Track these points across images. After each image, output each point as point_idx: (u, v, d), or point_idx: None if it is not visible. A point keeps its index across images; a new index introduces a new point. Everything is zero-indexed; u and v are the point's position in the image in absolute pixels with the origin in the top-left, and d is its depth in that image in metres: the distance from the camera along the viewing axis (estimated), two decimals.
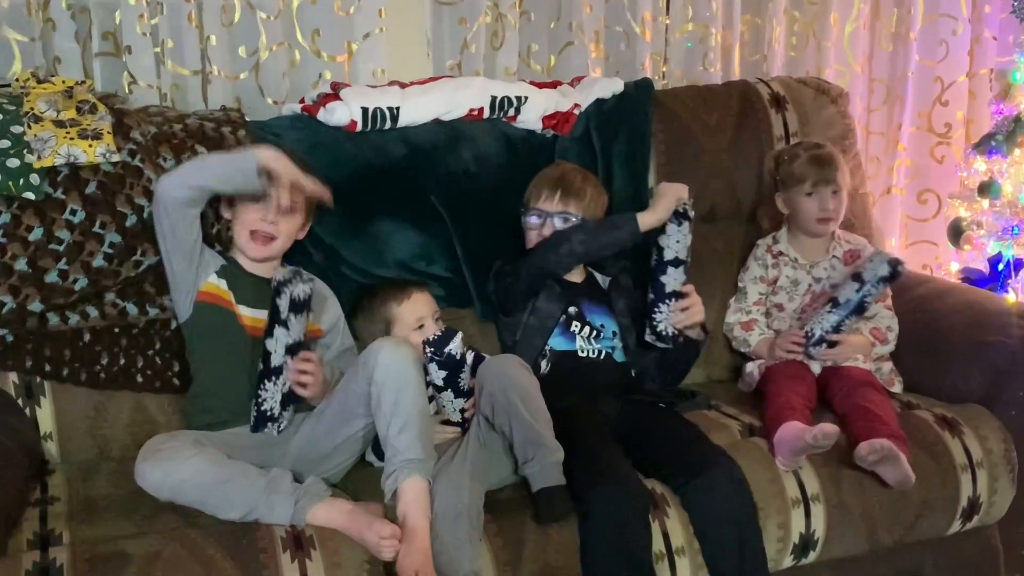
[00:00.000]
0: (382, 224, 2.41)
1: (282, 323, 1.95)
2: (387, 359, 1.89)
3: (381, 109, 2.41)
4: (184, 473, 1.82)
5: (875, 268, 2.31)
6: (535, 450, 1.93)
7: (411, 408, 1.87)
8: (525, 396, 1.96)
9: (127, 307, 2.16)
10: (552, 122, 2.58)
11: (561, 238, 2.26)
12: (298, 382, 1.99)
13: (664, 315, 2.25)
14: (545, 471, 1.92)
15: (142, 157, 2.16)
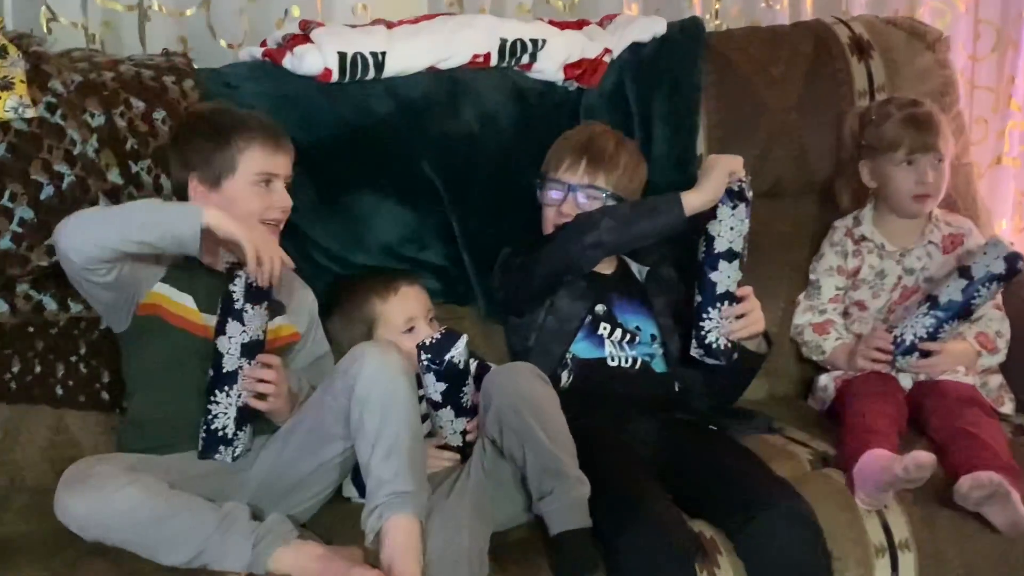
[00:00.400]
0: (363, 199, 2.42)
1: (236, 315, 1.95)
2: (372, 369, 1.88)
3: (363, 55, 2.40)
4: (116, 506, 1.81)
5: (988, 263, 2.30)
6: (554, 483, 1.92)
7: (400, 429, 1.87)
8: (541, 414, 1.95)
9: (43, 301, 2.16)
10: (577, 72, 2.58)
11: (586, 224, 2.25)
12: (256, 392, 1.99)
13: (715, 323, 2.24)
14: (566, 510, 1.92)
15: (64, 113, 2.16)
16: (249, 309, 1.95)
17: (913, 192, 2.45)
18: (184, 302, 2.05)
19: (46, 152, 2.13)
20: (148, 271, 2.04)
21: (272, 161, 2.08)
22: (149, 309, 2.04)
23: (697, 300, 2.26)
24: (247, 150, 2.06)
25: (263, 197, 2.06)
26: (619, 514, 1.94)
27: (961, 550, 2.13)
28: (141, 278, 2.03)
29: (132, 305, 2.04)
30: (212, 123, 2.13)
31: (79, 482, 1.85)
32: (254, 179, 2.06)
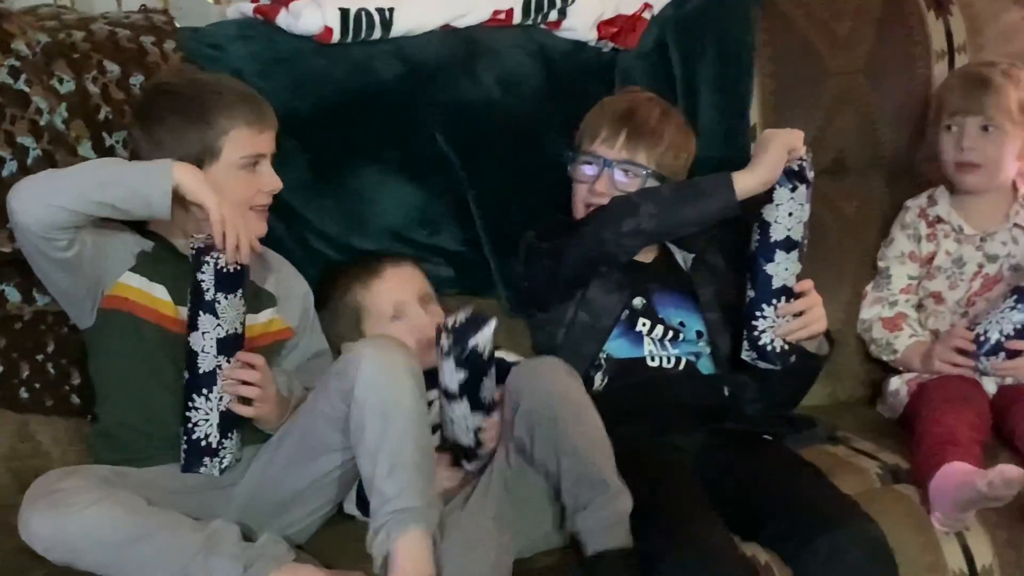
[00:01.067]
0: (366, 175, 2.43)
1: (208, 307, 1.94)
2: (371, 370, 1.87)
3: (367, 11, 2.40)
4: (87, 525, 1.81)
5: None
6: (592, 494, 1.92)
7: (405, 438, 1.85)
8: (579, 416, 1.95)
9: (6, 291, 2.17)
10: (612, 30, 2.58)
11: (624, 209, 2.23)
12: (239, 396, 1.99)
13: (770, 322, 2.24)
14: (606, 526, 1.91)
15: (29, 78, 2.17)
16: (222, 299, 1.93)
17: (954, 159, 2.47)
18: (155, 293, 2.04)
19: (8, 123, 2.14)
20: (115, 257, 2.04)
21: (259, 140, 2.07)
22: (116, 302, 2.04)
23: (750, 296, 2.26)
24: (232, 130, 2.05)
25: (250, 182, 2.06)
26: (663, 537, 1.93)
27: None
28: (107, 265, 2.02)
29: (97, 297, 2.04)
30: (186, 97, 2.10)
31: (45, 497, 1.85)
32: (240, 163, 2.06)
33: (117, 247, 2.03)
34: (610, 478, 1.93)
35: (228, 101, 2.08)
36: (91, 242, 1.97)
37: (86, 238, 1.96)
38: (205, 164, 2.03)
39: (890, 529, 2.03)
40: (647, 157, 2.31)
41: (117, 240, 2.04)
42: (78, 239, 1.93)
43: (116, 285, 2.03)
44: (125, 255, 2.04)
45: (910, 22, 2.70)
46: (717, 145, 2.54)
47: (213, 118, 2.05)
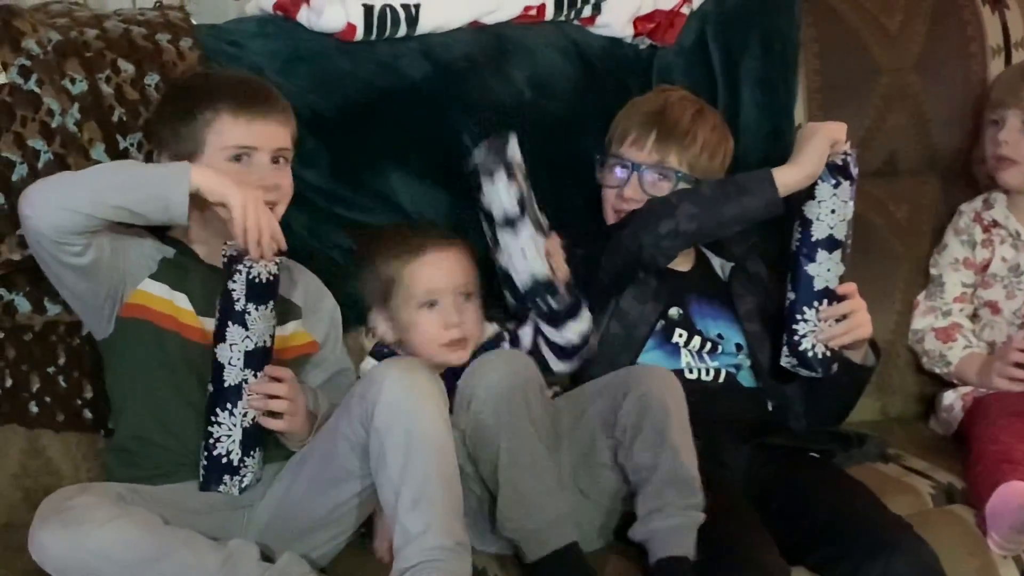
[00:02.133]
0: (391, 177, 2.43)
1: (238, 318, 1.95)
2: (393, 394, 1.86)
3: (392, 7, 2.41)
4: (101, 544, 1.82)
5: None
6: (677, 497, 1.95)
7: (429, 469, 1.84)
8: (684, 419, 2.00)
9: (16, 301, 2.18)
10: (649, 26, 2.58)
11: (661, 210, 2.23)
12: (267, 411, 2.00)
13: (811, 326, 2.23)
14: (679, 532, 1.94)
15: (40, 78, 2.18)
16: (252, 310, 1.94)
17: (992, 152, 2.48)
18: (177, 302, 2.05)
19: (19, 124, 2.15)
20: (135, 263, 2.04)
21: (245, 131, 2.05)
22: (135, 311, 2.04)
23: (790, 298, 2.26)
24: (214, 121, 2.04)
25: (239, 176, 2.02)
26: (718, 557, 1.94)
27: None
28: (126, 271, 2.03)
29: (115, 305, 2.04)
30: (180, 92, 2.14)
31: (58, 515, 1.86)
32: (225, 155, 2.05)
33: (137, 253, 2.04)
34: (695, 483, 1.97)
35: (215, 92, 2.09)
36: (109, 247, 1.98)
37: (104, 243, 1.96)
38: (193, 158, 2.02)
39: (944, 552, 2.03)
40: (678, 160, 2.31)
41: (137, 246, 2.04)
42: (94, 244, 1.94)
43: (136, 292, 2.04)
44: (146, 261, 2.05)
45: (964, 16, 2.70)
46: (760, 145, 2.54)
47: (198, 108, 2.06)
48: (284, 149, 2.10)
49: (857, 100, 2.63)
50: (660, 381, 2.03)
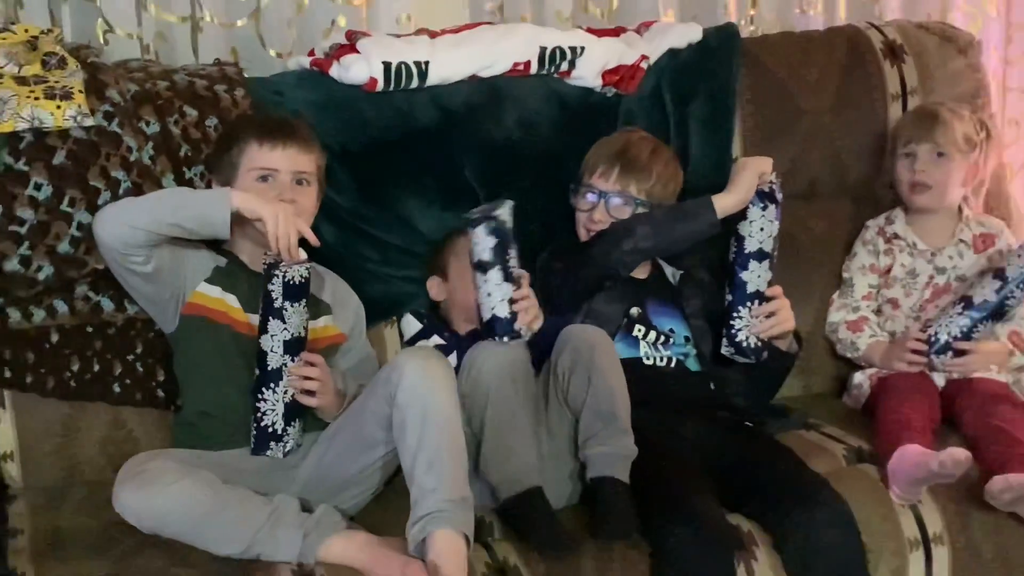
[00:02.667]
0: (407, 203, 2.42)
1: (277, 314, 1.95)
2: (412, 378, 1.87)
3: (407, 64, 2.40)
4: (170, 500, 1.82)
5: (1022, 264, 2.28)
6: (604, 427, 1.98)
7: (441, 439, 1.85)
8: (611, 366, 2.03)
9: (102, 302, 2.17)
10: (615, 78, 2.56)
11: (623, 232, 2.25)
12: (303, 389, 2.00)
13: (745, 321, 2.24)
14: (609, 458, 1.96)
15: (120, 121, 2.18)
16: (288, 307, 1.95)
17: (908, 180, 2.45)
18: (229, 301, 2.06)
19: (104, 159, 2.15)
20: (193, 270, 2.05)
21: (268, 156, 2.07)
22: (194, 309, 2.06)
23: (728, 299, 2.26)
24: (246, 149, 2.07)
25: (263, 192, 2.04)
26: (665, 510, 1.94)
27: (996, 544, 2.11)
28: (185, 276, 2.04)
29: (178, 305, 2.06)
30: (226, 129, 2.19)
31: (135, 477, 1.86)
32: (252, 176, 2.06)
33: (194, 262, 2.05)
34: (622, 418, 1.99)
35: (247, 126, 2.13)
36: (169, 258, 1.99)
37: (164, 255, 1.98)
38: (232, 179, 2.07)
39: (855, 502, 2.04)
40: (637, 189, 2.31)
41: (194, 257, 2.05)
42: (155, 256, 1.95)
43: (195, 294, 2.05)
44: (202, 269, 2.06)
45: (869, 69, 2.68)
46: (706, 174, 2.51)
47: (233, 140, 2.09)
48: (304, 172, 2.10)
49: (783, 138, 2.62)
50: (589, 336, 2.07)
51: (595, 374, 2.01)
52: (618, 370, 2.05)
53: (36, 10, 2.43)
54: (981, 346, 2.33)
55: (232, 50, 2.56)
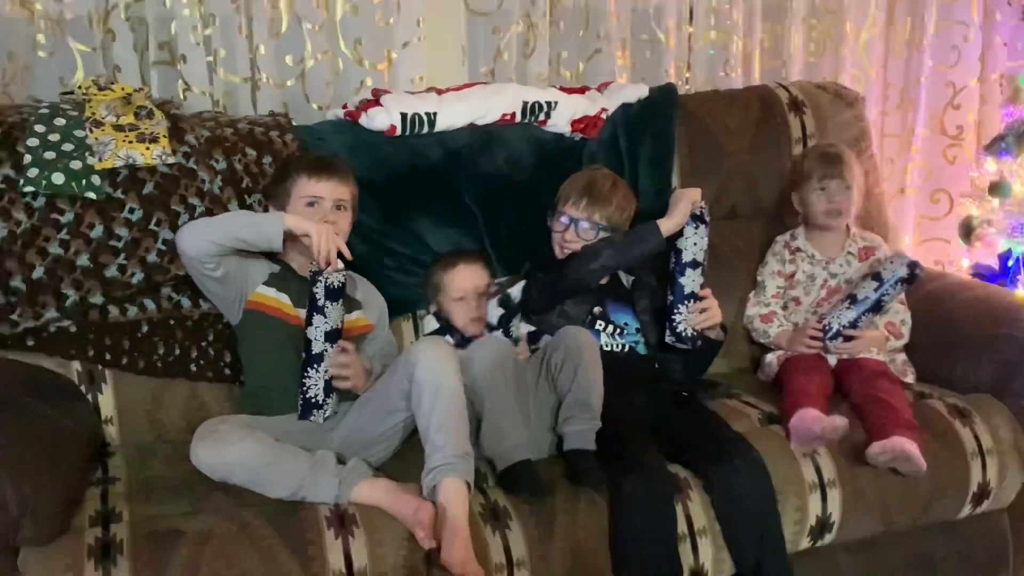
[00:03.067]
0: (420, 222, 2.41)
1: (320, 311, 1.96)
2: (427, 360, 1.88)
3: (419, 114, 2.40)
4: (236, 454, 1.83)
5: (894, 269, 2.29)
6: (580, 412, 1.98)
7: (448, 407, 1.85)
8: (594, 363, 2.03)
9: (182, 300, 2.17)
10: (581, 126, 2.57)
11: (592, 254, 2.25)
12: (338, 376, 2.00)
13: (683, 317, 2.24)
14: (582, 434, 1.97)
15: (196, 160, 2.18)
16: (329, 305, 1.96)
17: (825, 208, 2.45)
18: (282, 299, 2.06)
19: (183, 189, 2.15)
20: (253, 276, 2.05)
21: (315, 187, 2.08)
22: (254, 306, 2.06)
23: (669, 299, 2.26)
24: (297, 180, 2.08)
25: (311, 216, 2.04)
26: (623, 461, 1.95)
27: (877, 487, 2.11)
28: (247, 280, 2.05)
29: (241, 302, 2.06)
30: (280, 165, 2.19)
31: (208, 436, 1.87)
32: (302, 202, 2.07)
33: (254, 269, 2.05)
34: (595, 407, 2.00)
35: (297, 160, 2.15)
36: (235, 266, 2.01)
37: (231, 263, 1.99)
38: (286, 205, 2.08)
39: (766, 455, 2.04)
40: (600, 216, 2.31)
41: (254, 265, 2.06)
42: (224, 263, 1.97)
43: (255, 294, 2.05)
44: (260, 274, 2.06)
45: (777, 119, 2.68)
46: (651, 200, 2.51)
47: (287, 174, 2.11)
48: (343, 199, 2.11)
49: (711, 172, 2.62)
50: (580, 337, 2.07)
51: (580, 370, 2.02)
52: (598, 368, 2.05)
53: (131, 74, 2.43)
54: (864, 333, 2.34)
55: (283, 104, 2.56)
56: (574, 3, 2.80)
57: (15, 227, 2.05)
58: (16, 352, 2.07)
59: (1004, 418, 2.23)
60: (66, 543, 1.71)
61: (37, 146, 2.08)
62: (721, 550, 1.98)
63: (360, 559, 1.77)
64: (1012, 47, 3.19)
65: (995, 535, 2.27)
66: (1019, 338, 2.27)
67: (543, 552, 1.87)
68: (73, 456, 1.89)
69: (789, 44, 3.00)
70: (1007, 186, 2.85)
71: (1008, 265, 2.85)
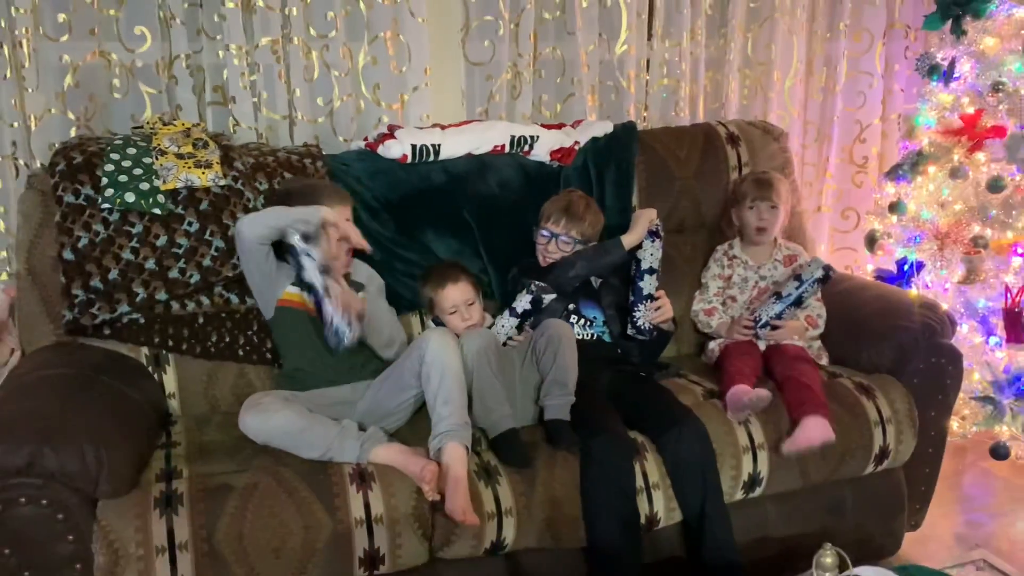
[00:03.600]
0: (428, 233, 2.40)
1: (307, 256, 1.91)
2: (435, 346, 1.89)
3: (426, 145, 2.40)
4: (276, 421, 1.82)
5: (812, 271, 2.30)
6: (557, 389, 1.98)
7: (453, 385, 1.86)
8: (572, 350, 2.03)
9: (231, 297, 2.16)
10: (558, 155, 2.56)
11: (568, 265, 2.24)
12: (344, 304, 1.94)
13: (641, 313, 2.24)
14: (559, 407, 1.97)
15: (243, 182, 2.17)
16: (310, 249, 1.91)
17: (755, 224, 2.46)
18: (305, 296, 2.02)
19: (232, 206, 2.14)
20: (283, 279, 2.02)
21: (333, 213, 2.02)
22: (284, 303, 2.05)
23: (631, 299, 2.26)
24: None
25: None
26: (590, 428, 1.95)
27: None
28: (278, 284, 2.02)
29: (275, 300, 2.04)
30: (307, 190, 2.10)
31: (254, 407, 1.86)
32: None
33: (284, 274, 2.03)
34: (570, 385, 2.00)
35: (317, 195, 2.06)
36: (275, 268, 1.99)
37: (272, 265, 1.97)
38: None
39: (708, 423, 2.05)
40: (577, 231, 2.30)
41: (285, 270, 2.03)
42: (270, 256, 1.96)
43: (285, 293, 2.04)
44: (289, 277, 2.03)
45: (718, 150, 2.67)
46: (615, 216, 2.50)
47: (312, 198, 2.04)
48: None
49: (664, 194, 2.61)
50: (561, 328, 2.07)
51: (559, 356, 2.01)
52: (574, 354, 2.05)
53: (190, 112, 2.42)
54: (788, 324, 2.34)
55: (315, 137, 2.54)
56: (553, 56, 2.80)
57: (95, 237, 2.04)
58: (96, 339, 2.06)
59: (900, 393, 2.23)
60: (136, 496, 1.71)
61: (113, 171, 2.08)
62: (671, 500, 1.99)
63: (377, 508, 1.78)
64: (908, 92, 3.20)
65: (894, 488, 2.28)
66: (912, 328, 2.27)
67: (526, 502, 1.87)
68: (141, 424, 1.89)
69: (727, 89, 3.00)
70: (903, 205, 2.86)
71: (904, 269, 2.86)
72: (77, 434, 1.66)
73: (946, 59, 2.79)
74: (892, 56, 3.20)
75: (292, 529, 1.73)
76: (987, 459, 2.71)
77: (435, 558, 1.84)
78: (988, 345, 2.70)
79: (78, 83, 2.32)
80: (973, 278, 2.67)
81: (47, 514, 1.64)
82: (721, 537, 1.98)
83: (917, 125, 2.89)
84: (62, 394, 1.78)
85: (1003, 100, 2.65)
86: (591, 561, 1.92)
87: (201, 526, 1.69)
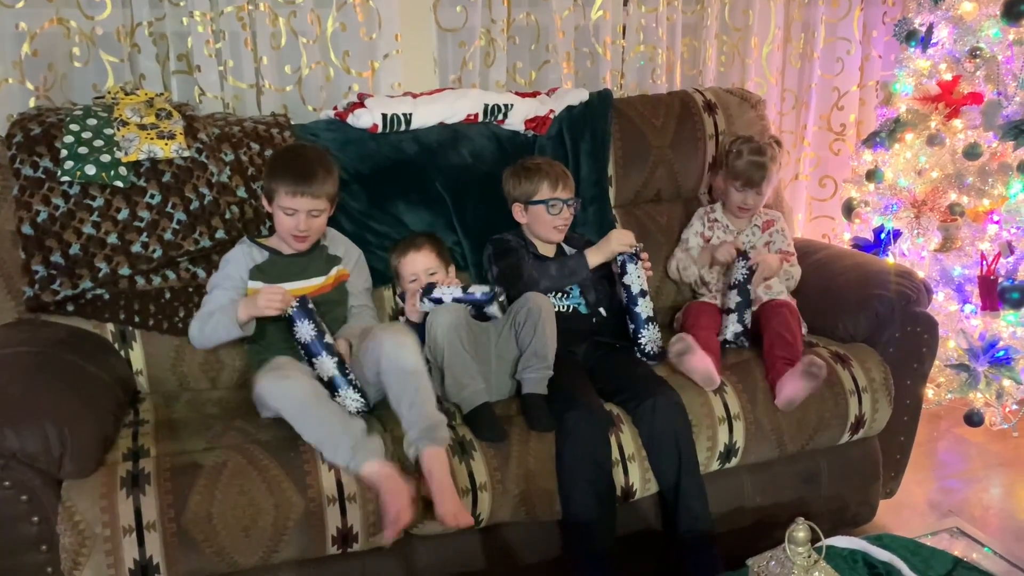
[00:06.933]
0: (399, 205, 2.35)
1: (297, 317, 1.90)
2: (389, 348, 1.83)
3: (397, 115, 2.34)
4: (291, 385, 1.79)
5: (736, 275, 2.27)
6: (536, 361, 1.95)
7: (413, 387, 1.80)
8: (551, 323, 2.01)
9: (197, 272, 2.12)
10: (533, 124, 2.52)
11: (534, 282, 2.18)
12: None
13: (647, 338, 2.18)
14: (536, 380, 1.95)
15: (207, 154, 2.11)
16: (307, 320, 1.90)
17: (739, 205, 2.44)
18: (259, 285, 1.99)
19: (195, 179, 2.09)
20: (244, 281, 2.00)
21: (292, 201, 1.96)
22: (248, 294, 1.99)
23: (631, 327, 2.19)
24: (279, 190, 1.96)
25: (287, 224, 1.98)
26: (566, 401, 1.93)
27: (771, 419, 2.11)
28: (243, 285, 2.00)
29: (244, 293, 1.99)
30: (271, 163, 2.06)
31: (271, 372, 1.84)
32: (280, 211, 1.97)
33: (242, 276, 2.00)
34: (549, 358, 1.97)
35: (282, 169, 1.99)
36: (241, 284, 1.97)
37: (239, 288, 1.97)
38: (273, 200, 1.99)
39: (684, 394, 2.04)
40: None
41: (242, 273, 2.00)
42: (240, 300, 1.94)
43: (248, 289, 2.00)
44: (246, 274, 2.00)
45: (694, 118, 2.64)
46: (590, 188, 2.48)
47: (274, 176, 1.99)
48: (316, 209, 1.99)
49: (639, 163, 2.58)
50: (540, 301, 2.03)
51: (539, 328, 1.98)
52: (554, 327, 2.02)
53: (154, 81, 2.35)
54: (763, 258, 2.32)
55: (283, 106, 2.49)
56: (527, 21, 2.74)
57: (54, 211, 1.98)
58: (58, 316, 2.01)
59: (876, 363, 2.23)
60: (102, 475, 1.68)
61: (72, 142, 2.02)
62: (647, 472, 1.98)
63: (351, 487, 1.75)
64: (886, 59, 3.18)
65: (869, 457, 2.29)
66: (888, 297, 2.27)
67: (501, 477, 1.85)
68: (107, 402, 1.85)
69: (704, 56, 2.96)
70: (880, 173, 2.85)
71: (881, 238, 2.85)
72: (39, 413, 1.62)
73: (924, 24, 2.76)
74: (870, 22, 3.17)
75: (263, 507, 1.70)
76: (961, 426, 2.73)
77: (409, 534, 1.82)
78: (963, 313, 2.71)
79: (36, 51, 2.24)
80: (949, 246, 2.67)
81: (10, 496, 1.60)
82: (697, 508, 1.97)
83: (895, 92, 2.87)
84: (23, 373, 1.73)
85: (980, 66, 2.63)
86: (566, 534, 1.92)
87: (169, 505, 1.66)
